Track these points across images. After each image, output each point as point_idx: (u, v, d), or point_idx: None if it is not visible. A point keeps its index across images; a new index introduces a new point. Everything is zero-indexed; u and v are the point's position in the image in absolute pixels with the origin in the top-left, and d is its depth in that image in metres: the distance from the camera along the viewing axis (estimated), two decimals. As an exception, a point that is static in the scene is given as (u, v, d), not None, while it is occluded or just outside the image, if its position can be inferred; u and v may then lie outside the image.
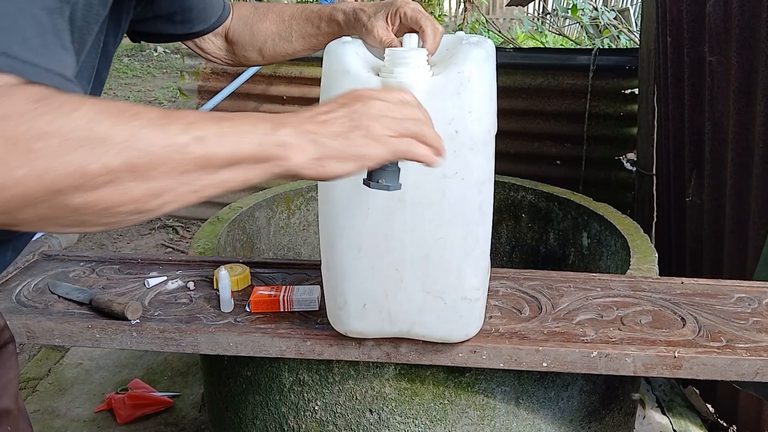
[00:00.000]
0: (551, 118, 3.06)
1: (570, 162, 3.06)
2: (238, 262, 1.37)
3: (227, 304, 1.20)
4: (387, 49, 0.93)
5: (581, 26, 5.90)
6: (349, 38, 0.99)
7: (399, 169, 0.80)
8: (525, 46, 6.14)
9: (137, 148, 0.56)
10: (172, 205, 0.61)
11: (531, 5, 9.54)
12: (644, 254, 1.59)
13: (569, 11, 5.87)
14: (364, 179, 0.81)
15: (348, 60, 0.93)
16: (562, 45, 6.90)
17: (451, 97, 0.90)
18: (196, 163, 0.60)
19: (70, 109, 0.54)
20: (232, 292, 1.23)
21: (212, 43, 1.21)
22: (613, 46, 5.34)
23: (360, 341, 1.10)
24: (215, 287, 1.26)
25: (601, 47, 4.17)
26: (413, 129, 0.73)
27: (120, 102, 0.59)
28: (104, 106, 0.57)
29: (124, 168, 0.56)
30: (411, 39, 0.96)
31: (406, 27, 1.04)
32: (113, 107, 0.58)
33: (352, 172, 0.70)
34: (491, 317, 1.16)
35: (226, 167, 0.63)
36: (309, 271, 1.35)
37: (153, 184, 0.58)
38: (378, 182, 0.79)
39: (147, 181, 0.58)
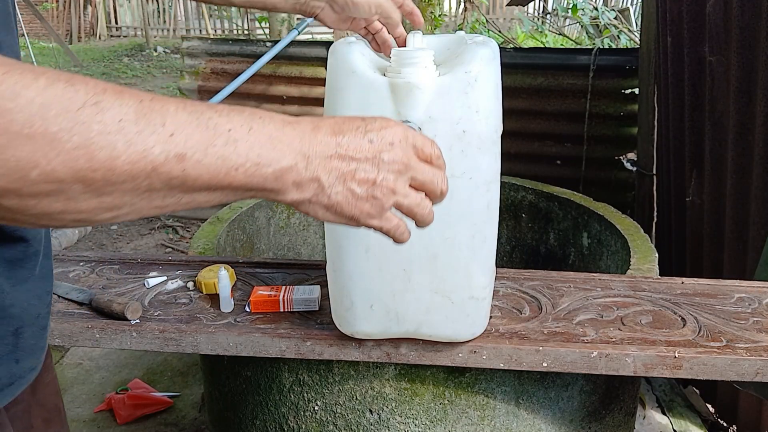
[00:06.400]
0: (551, 118, 3.06)
1: (570, 162, 3.06)
2: (237, 262, 1.38)
3: (227, 304, 1.20)
4: (393, 49, 0.92)
5: (581, 26, 5.90)
6: (353, 38, 0.99)
7: None
8: (525, 46, 6.15)
9: (95, 158, 0.45)
10: (127, 218, 0.52)
11: (531, 5, 9.55)
12: (644, 254, 1.59)
13: (569, 11, 5.87)
14: None
15: (354, 60, 0.92)
16: (562, 45, 6.91)
17: (459, 96, 0.89)
18: (169, 184, 0.50)
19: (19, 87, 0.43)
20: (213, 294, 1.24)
21: None
22: (613, 46, 5.34)
23: (360, 341, 1.10)
24: (203, 291, 1.27)
25: (601, 47, 4.17)
26: (417, 212, 0.65)
27: (86, 80, 0.46)
28: (59, 90, 0.44)
29: (74, 180, 0.45)
30: (416, 38, 0.95)
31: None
32: (71, 91, 0.45)
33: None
34: (491, 317, 1.16)
35: (204, 191, 0.52)
36: (309, 271, 1.35)
37: (108, 198, 0.48)
38: None
39: (101, 195, 0.48)
